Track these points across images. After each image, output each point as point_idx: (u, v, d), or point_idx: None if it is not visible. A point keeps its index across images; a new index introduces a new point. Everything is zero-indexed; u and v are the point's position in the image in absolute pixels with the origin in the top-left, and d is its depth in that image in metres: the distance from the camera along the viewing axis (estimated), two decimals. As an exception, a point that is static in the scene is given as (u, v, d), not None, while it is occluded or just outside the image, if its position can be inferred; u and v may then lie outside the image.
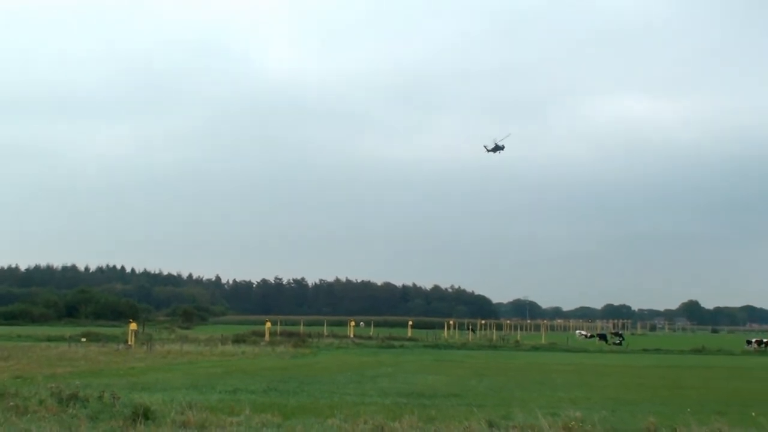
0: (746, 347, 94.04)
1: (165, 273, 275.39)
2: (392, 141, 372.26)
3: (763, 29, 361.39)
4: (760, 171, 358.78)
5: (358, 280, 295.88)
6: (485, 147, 78.13)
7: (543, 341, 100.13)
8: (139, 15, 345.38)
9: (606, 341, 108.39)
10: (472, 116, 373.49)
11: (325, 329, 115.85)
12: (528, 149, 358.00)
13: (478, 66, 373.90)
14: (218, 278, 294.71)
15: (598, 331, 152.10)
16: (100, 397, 25.00)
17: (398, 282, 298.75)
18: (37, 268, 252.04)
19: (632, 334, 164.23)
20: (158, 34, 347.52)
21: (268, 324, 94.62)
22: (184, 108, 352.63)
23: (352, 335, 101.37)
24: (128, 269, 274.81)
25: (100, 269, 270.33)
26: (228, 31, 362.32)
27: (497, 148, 73.91)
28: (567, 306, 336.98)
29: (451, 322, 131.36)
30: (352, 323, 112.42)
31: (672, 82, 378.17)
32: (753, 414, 24.76)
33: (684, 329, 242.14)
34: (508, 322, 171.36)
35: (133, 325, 74.58)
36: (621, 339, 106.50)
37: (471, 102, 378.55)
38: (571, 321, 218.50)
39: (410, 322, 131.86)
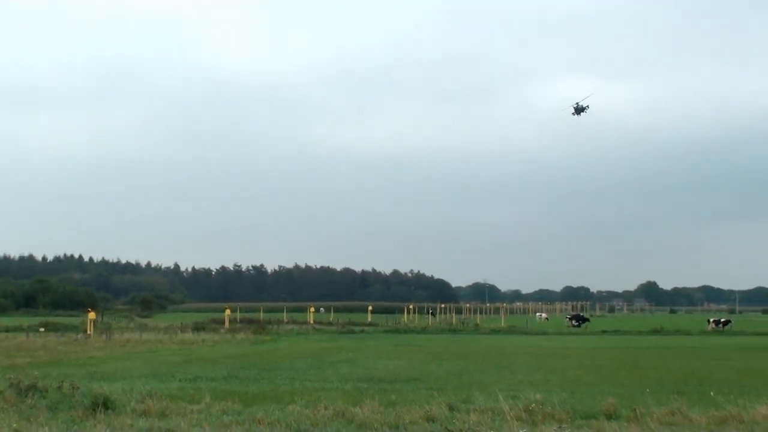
0: (707, 327, 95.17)
1: (123, 261, 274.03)
2: (345, 128, 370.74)
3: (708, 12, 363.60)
4: (715, 153, 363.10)
5: (318, 266, 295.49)
6: (572, 110, 78.19)
7: (502, 324, 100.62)
8: (90, 4, 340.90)
9: (581, 324, 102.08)
10: (423, 102, 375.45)
11: (285, 316, 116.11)
12: (478, 134, 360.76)
13: (425, 52, 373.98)
14: (177, 266, 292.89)
15: (567, 313, 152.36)
16: (59, 388, 24.68)
17: (357, 267, 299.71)
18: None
19: (591, 315, 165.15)
20: (110, 22, 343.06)
21: (228, 311, 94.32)
22: (137, 97, 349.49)
23: (312, 321, 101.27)
24: (86, 258, 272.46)
25: (57, 259, 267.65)
26: (178, 20, 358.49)
27: (581, 110, 73.94)
28: (526, 289, 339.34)
29: (411, 307, 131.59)
30: (312, 309, 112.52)
31: (622, 65, 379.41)
32: (711, 393, 25.02)
33: (642, 310, 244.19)
34: (468, 305, 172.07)
35: (92, 315, 74.06)
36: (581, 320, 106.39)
37: (421, 87, 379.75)
38: (530, 304, 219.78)
39: (370, 308, 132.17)
